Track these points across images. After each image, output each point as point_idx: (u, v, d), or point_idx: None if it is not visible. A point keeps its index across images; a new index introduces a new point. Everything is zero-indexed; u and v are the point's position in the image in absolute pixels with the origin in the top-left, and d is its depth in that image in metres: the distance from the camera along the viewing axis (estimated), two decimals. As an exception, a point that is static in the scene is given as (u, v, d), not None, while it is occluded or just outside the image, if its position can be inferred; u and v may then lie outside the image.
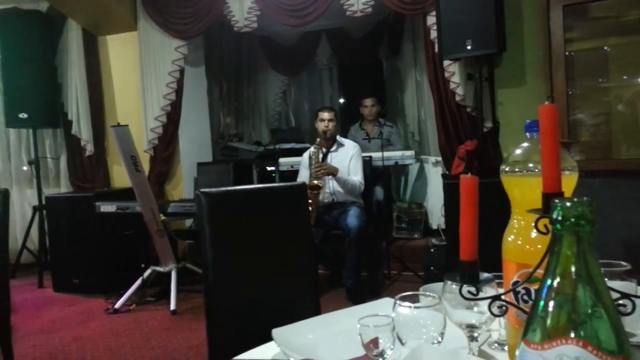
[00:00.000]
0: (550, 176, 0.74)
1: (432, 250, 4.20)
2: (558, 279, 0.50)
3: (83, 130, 5.18)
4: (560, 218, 0.50)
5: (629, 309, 0.68)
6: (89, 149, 5.22)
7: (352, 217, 3.77)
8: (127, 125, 3.83)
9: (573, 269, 0.49)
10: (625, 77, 3.68)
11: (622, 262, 0.89)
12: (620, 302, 0.68)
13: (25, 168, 5.37)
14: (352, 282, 3.75)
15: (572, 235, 0.49)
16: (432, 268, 3.93)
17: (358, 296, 3.68)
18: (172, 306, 3.73)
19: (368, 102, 5.24)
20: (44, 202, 4.79)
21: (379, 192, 4.69)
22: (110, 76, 5.33)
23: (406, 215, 5.03)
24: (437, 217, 4.73)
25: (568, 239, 0.50)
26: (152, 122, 4.95)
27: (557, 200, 0.50)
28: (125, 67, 5.24)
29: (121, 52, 5.26)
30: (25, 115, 4.84)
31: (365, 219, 3.84)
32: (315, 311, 1.60)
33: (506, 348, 0.93)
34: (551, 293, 0.50)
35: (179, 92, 4.94)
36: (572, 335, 0.47)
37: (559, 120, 0.77)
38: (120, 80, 5.29)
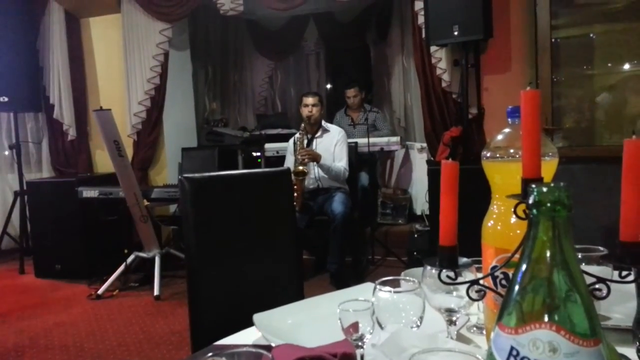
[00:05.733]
0: (530, 162, 0.74)
1: (415, 235, 4.23)
2: (533, 264, 0.50)
3: (65, 114, 5.09)
4: (536, 203, 0.50)
5: (604, 293, 0.68)
6: (71, 133, 5.14)
7: (337, 203, 3.77)
8: (109, 110, 3.78)
9: (548, 253, 0.49)
10: (609, 65, 3.70)
11: (599, 247, 0.90)
12: (597, 286, 0.69)
13: (6, 152, 5.27)
14: (336, 267, 3.77)
15: (548, 220, 0.49)
16: (415, 253, 3.96)
17: (342, 281, 3.70)
18: (156, 292, 3.72)
19: (350, 92, 5.22)
20: (25, 187, 4.72)
21: (364, 178, 4.70)
22: (93, 59, 5.24)
23: (391, 201, 5.06)
24: (421, 203, 4.76)
25: (544, 224, 0.50)
26: (135, 107, 4.88)
27: (533, 186, 0.50)
28: (108, 50, 5.15)
29: (104, 34, 5.16)
30: (6, 99, 4.75)
31: (350, 204, 3.84)
32: (299, 296, 1.61)
33: (484, 332, 0.94)
34: (526, 277, 0.50)
35: (163, 76, 4.86)
36: (546, 319, 0.47)
37: (542, 106, 0.77)
38: (104, 63, 5.20)
